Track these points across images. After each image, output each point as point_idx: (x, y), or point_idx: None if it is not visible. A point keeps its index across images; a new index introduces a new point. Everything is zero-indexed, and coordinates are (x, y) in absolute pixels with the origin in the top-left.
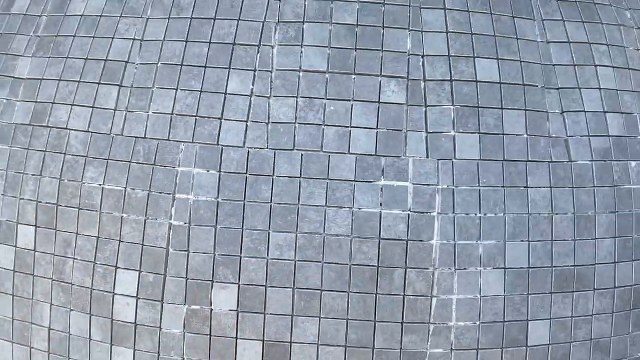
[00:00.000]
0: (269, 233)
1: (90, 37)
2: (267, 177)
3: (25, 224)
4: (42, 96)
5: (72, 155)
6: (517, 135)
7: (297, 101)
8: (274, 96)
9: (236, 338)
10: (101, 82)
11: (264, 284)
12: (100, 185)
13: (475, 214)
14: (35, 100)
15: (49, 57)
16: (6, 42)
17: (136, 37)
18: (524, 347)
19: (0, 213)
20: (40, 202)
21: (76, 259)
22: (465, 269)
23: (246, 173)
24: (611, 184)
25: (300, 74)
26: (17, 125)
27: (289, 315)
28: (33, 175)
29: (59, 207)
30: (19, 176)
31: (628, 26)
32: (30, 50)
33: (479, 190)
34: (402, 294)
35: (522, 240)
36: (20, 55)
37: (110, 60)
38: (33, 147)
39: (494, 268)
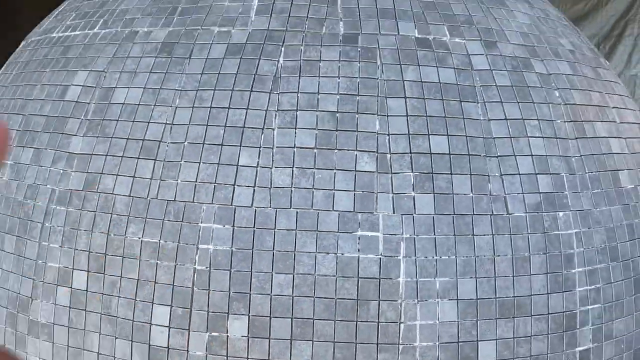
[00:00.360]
0: (272, 274)
1: (131, 121)
2: (270, 230)
3: (79, 270)
4: (92, 168)
5: (117, 215)
6: (464, 194)
7: (292, 171)
8: (275, 167)
9: (247, 358)
10: (140, 157)
11: (269, 315)
12: (139, 238)
13: (433, 257)
14: (86, 171)
15: (97, 136)
16: (62, 124)
17: (167, 122)
18: None
19: (59, 261)
20: (91, 252)
21: (120, 296)
22: (426, 300)
23: (254, 227)
24: (542, 231)
25: (295, 150)
26: (72, 191)
27: (288, 339)
28: (86, 230)
29: (107, 256)
30: (74, 232)
31: (556, 103)
32: (81, 131)
33: (435, 238)
34: (377, 321)
35: (470, 277)
36: (74, 135)
37: (147, 140)
38: (85, 208)
39: (449, 299)
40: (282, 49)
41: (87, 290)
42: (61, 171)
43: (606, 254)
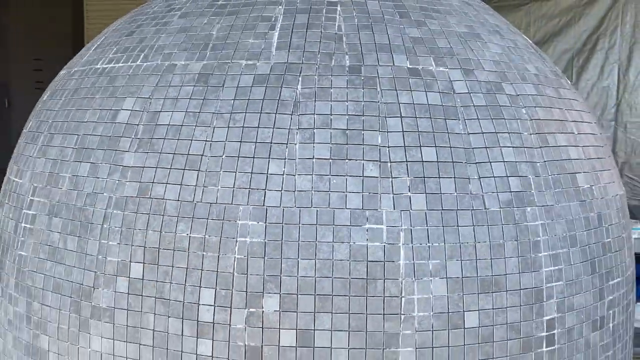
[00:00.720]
0: (298, 260)
1: (176, 139)
2: (295, 225)
3: (135, 262)
4: (144, 178)
5: (168, 216)
6: (450, 193)
7: (312, 177)
8: (298, 174)
9: (279, 328)
10: (185, 168)
11: (296, 292)
12: (187, 234)
13: (426, 244)
14: (139, 181)
15: (147, 152)
16: (115, 142)
17: (207, 140)
18: (462, 329)
19: (117, 255)
20: (146, 247)
21: (172, 282)
22: (421, 278)
23: (282, 223)
24: (514, 223)
25: (314, 160)
26: (127, 197)
27: (312, 312)
28: (140, 229)
29: (160, 250)
30: (130, 231)
31: (523, 119)
32: (133, 147)
33: (427, 229)
34: (383, 296)
35: (456, 260)
36: (126, 151)
37: (191, 154)
38: (140, 212)
39: (439, 278)
40: (300, 78)
41: (143, 279)
42: (117, 181)
43: (567, 241)
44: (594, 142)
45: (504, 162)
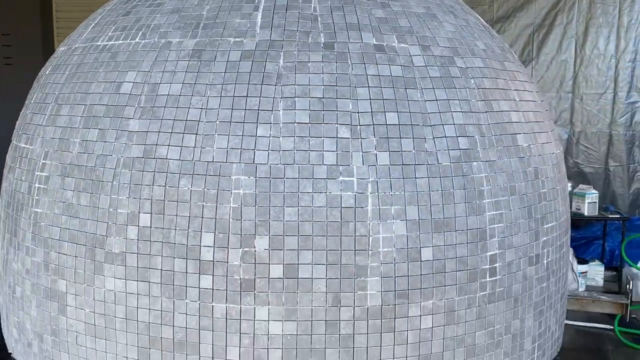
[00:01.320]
0: (283, 208)
1: (175, 107)
2: (281, 179)
3: (144, 213)
4: (148, 141)
5: (171, 173)
6: (409, 151)
7: (294, 139)
8: (282, 137)
9: (269, 264)
10: (185, 132)
11: (283, 234)
12: (189, 188)
13: (389, 192)
14: (144, 143)
15: (150, 119)
16: (120, 111)
17: (202, 107)
18: (419, 262)
19: (127, 208)
20: (153, 200)
21: (176, 229)
22: (385, 221)
23: (270, 178)
24: (462, 175)
25: (295, 124)
26: (134, 158)
27: (296, 249)
28: (147, 185)
29: (165, 202)
30: (138, 186)
31: (472, 88)
32: (137, 115)
33: (390, 180)
34: (354, 235)
35: (414, 205)
36: (131, 118)
37: (189, 120)
38: (146, 170)
39: (400, 220)
40: (282, 53)
41: (150, 227)
42: (124, 145)
43: (507, 190)
44: (534, 108)
45: (455, 124)
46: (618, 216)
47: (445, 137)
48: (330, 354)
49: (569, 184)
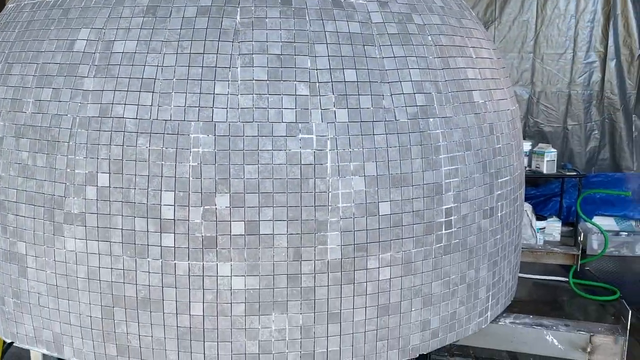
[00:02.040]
0: (244, 165)
1: (130, 65)
2: (240, 137)
3: (102, 173)
4: (104, 100)
5: (129, 132)
6: (367, 108)
7: (253, 96)
8: (241, 94)
9: (230, 221)
10: (141, 90)
11: (243, 192)
12: (147, 147)
13: (348, 149)
14: (100, 102)
15: (105, 77)
16: (74, 69)
17: (159, 65)
18: (377, 216)
19: (85, 168)
20: (111, 159)
21: (136, 188)
22: (344, 177)
23: (229, 136)
24: (419, 131)
25: (254, 82)
26: (90, 117)
27: (257, 206)
28: (105, 145)
29: (123, 161)
30: (95, 146)
31: (429, 45)
32: (91, 73)
33: (349, 137)
34: (314, 191)
35: (372, 161)
36: (86, 77)
37: (145, 78)
38: (102, 129)
39: (359, 176)
40: (238, 9)
41: (109, 187)
42: (79, 104)
43: (462, 145)
44: (490, 65)
45: (412, 81)
46: (575, 173)
47: (403, 94)
48: (292, 306)
49: (529, 143)
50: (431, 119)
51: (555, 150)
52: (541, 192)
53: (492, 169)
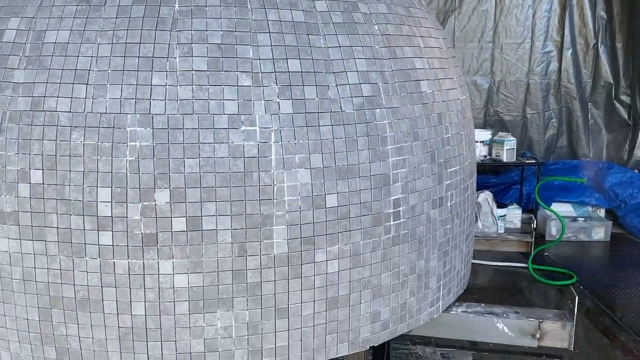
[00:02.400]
0: (184, 160)
1: (63, 56)
2: (180, 129)
3: (35, 169)
4: (36, 93)
5: (62, 126)
6: (312, 99)
7: (192, 87)
8: (179, 85)
9: (171, 217)
10: (74, 82)
11: (184, 186)
12: (82, 142)
13: (293, 141)
14: (31, 95)
15: (37, 68)
16: (3, 61)
17: (93, 55)
18: (324, 209)
19: (17, 164)
20: (43, 155)
21: (71, 185)
22: (289, 169)
23: (168, 129)
24: (365, 122)
25: (193, 72)
26: (21, 111)
27: (199, 202)
28: (37, 140)
29: (57, 157)
30: (27, 141)
31: (375, 34)
32: (22, 65)
33: (294, 129)
34: (258, 185)
35: (318, 153)
36: (16, 69)
37: (79, 69)
38: (34, 123)
39: (304, 168)
40: None
41: (43, 184)
42: (9, 97)
43: (410, 136)
44: (439, 54)
45: (358, 71)
46: (534, 161)
47: (349, 84)
48: (238, 303)
49: (489, 132)
50: (377, 110)
51: (515, 138)
52: (502, 180)
53: (440, 158)
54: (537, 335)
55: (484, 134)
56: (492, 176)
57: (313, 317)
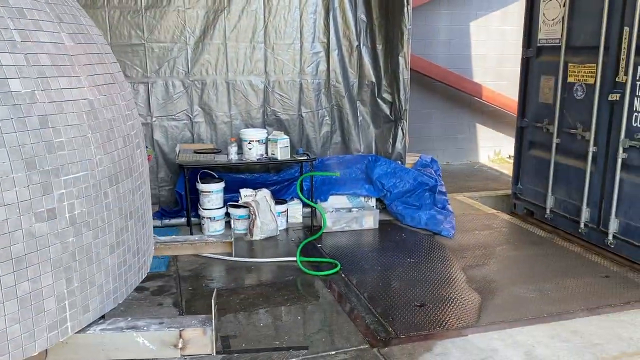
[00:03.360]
0: None
1: None
2: None
3: None
4: None
5: None
6: None
7: None
8: None
9: None
10: None
11: None
12: None
13: None
14: None
15: None
16: None
17: None
18: None
19: None
20: None
21: None
22: None
23: None
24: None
25: None
26: None
27: None
28: None
29: None
30: None
31: None
32: None
33: None
34: None
35: None
36: None
37: None
38: None
39: None
40: None
41: None
42: None
43: None
44: (54, 50)
45: None
46: (305, 158)
47: None
48: None
49: (265, 131)
50: None
51: (288, 137)
52: (282, 177)
53: (47, 166)
54: (180, 345)
55: (260, 133)
56: (273, 174)
57: None
